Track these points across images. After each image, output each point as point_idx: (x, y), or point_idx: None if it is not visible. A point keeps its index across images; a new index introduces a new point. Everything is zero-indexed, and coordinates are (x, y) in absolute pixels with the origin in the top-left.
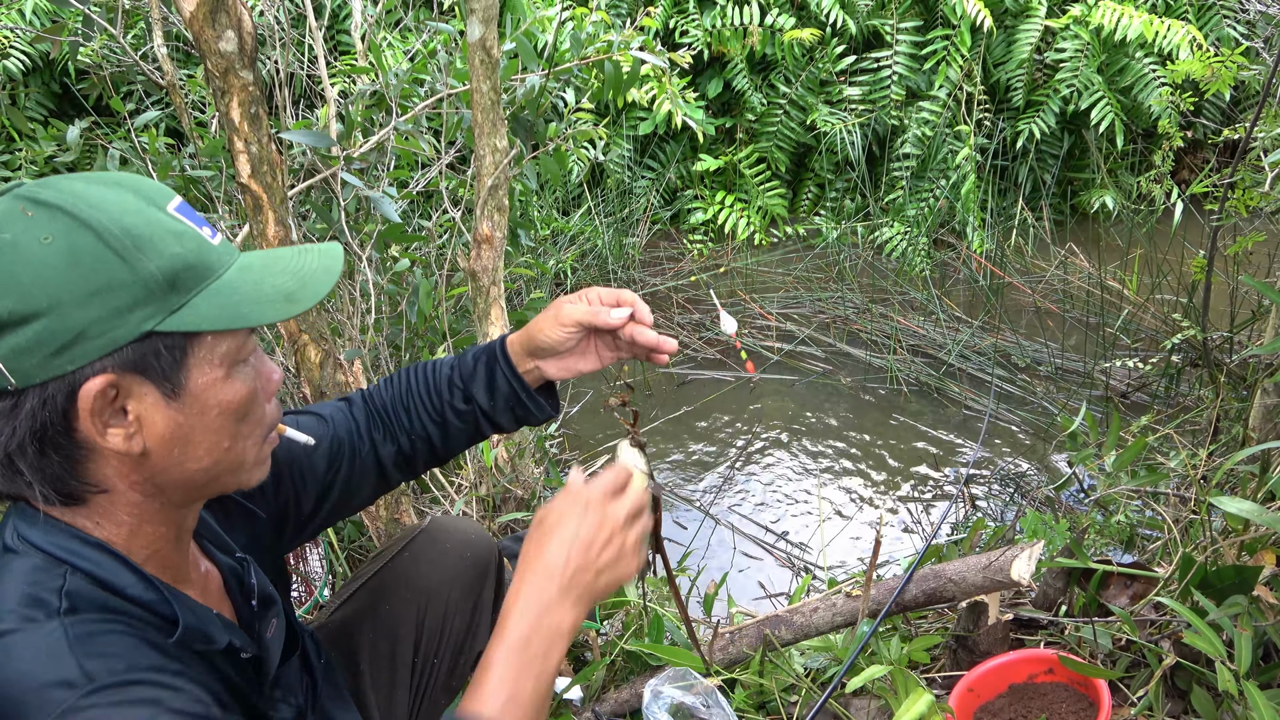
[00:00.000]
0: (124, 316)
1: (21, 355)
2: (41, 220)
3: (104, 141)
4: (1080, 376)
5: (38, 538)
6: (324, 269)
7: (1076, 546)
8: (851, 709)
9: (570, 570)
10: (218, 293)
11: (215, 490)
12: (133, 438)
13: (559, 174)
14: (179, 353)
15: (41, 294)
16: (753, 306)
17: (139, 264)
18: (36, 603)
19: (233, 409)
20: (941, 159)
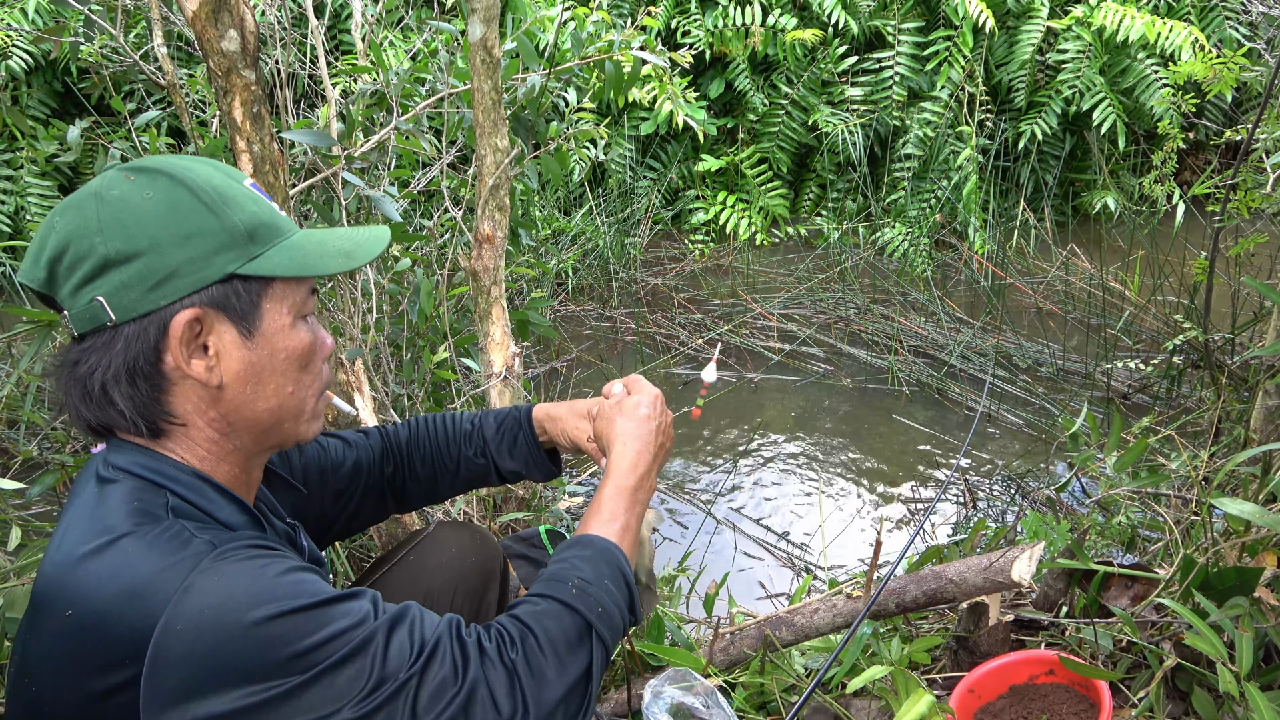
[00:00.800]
0: (211, 259)
1: (124, 290)
2: (143, 181)
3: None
4: (1081, 378)
5: (130, 463)
6: (375, 237)
7: (1077, 548)
8: (852, 709)
9: (655, 445)
10: (288, 248)
11: (278, 438)
12: (212, 370)
13: (560, 174)
14: (255, 296)
15: (143, 236)
16: (754, 307)
17: (225, 215)
18: (146, 514)
19: (297, 355)
20: (943, 160)
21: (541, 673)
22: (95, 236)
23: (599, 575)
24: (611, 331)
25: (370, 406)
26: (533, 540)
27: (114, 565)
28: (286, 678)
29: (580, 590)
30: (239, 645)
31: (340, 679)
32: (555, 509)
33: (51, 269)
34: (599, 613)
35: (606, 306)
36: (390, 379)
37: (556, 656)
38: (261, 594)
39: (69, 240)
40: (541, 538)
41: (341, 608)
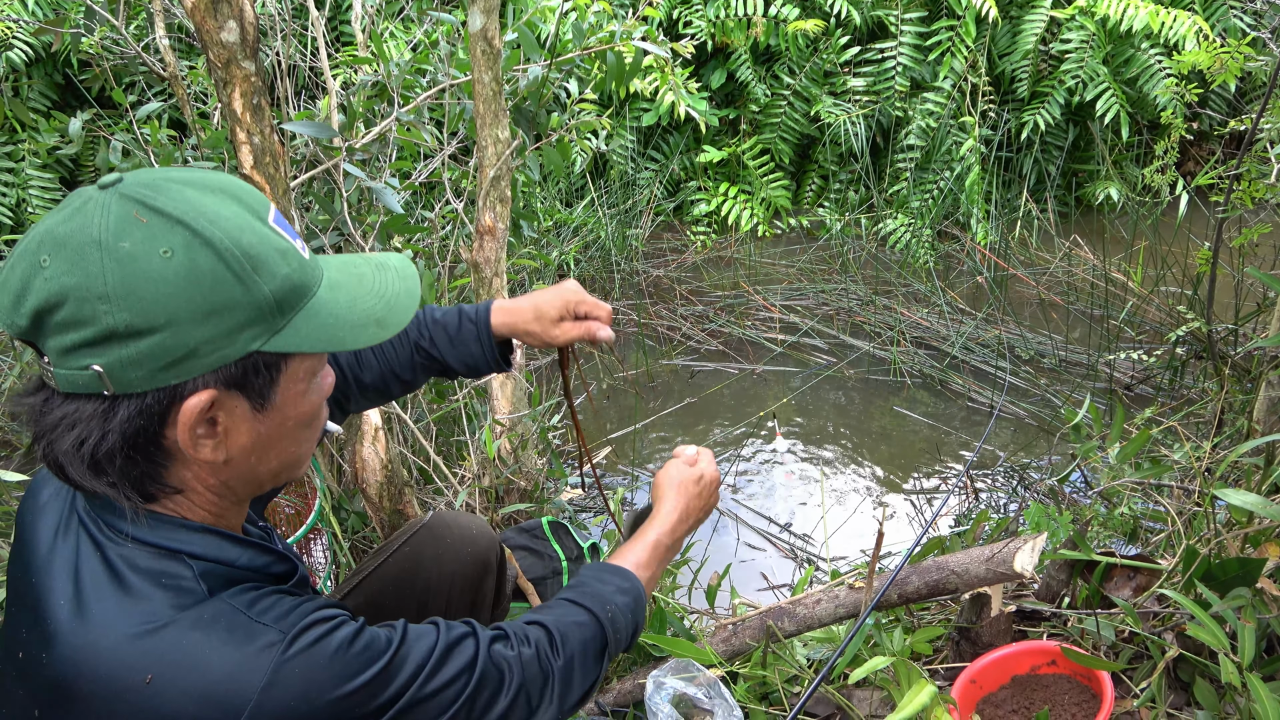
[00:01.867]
0: (235, 337)
1: (129, 367)
2: (159, 231)
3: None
4: (1084, 369)
5: (137, 532)
6: (406, 292)
7: (1080, 539)
8: (854, 700)
9: (697, 516)
10: (315, 314)
11: (270, 486)
12: (218, 448)
13: (561, 165)
14: (275, 371)
15: (160, 311)
16: (756, 298)
17: (255, 286)
18: (179, 590)
19: (306, 418)
20: (946, 150)
21: (568, 682)
22: (100, 303)
23: (625, 608)
24: (613, 323)
25: None
26: (535, 532)
27: (174, 661)
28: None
29: (612, 618)
30: (331, 714)
31: (411, 715)
32: (558, 500)
33: (38, 320)
34: (615, 639)
35: (608, 298)
36: None
37: (584, 670)
38: (341, 672)
39: (65, 296)
40: (544, 529)
41: (399, 648)
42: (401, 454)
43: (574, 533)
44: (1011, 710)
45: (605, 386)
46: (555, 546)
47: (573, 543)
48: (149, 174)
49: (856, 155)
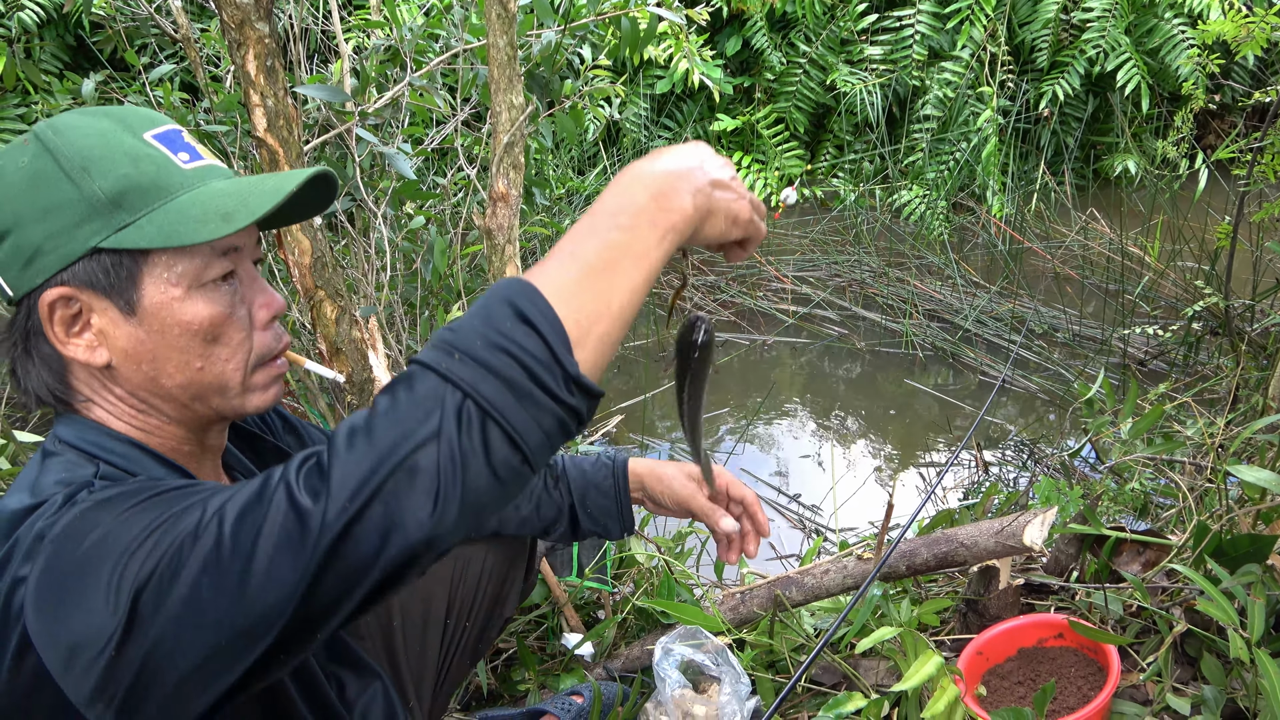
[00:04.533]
0: (72, 233)
1: (5, 269)
2: (28, 149)
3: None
4: (1098, 344)
5: (70, 435)
6: (272, 189)
7: (1090, 513)
8: (861, 669)
9: (687, 160)
10: (165, 213)
11: (209, 411)
12: (95, 349)
13: (575, 132)
14: (130, 270)
15: (9, 212)
16: (768, 269)
17: (85, 184)
18: (70, 484)
19: (196, 330)
20: (963, 121)
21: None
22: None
23: (472, 322)
24: None
25: (385, 364)
26: None
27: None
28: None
29: (444, 346)
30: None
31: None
32: None
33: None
34: (452, 363)
35: None
36: (404, 336)
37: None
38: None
39: None
40: None
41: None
42: None
43: None
44: (1017, 682)
45: (616, 356)
46: None
47: None
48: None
49: (872, 125)
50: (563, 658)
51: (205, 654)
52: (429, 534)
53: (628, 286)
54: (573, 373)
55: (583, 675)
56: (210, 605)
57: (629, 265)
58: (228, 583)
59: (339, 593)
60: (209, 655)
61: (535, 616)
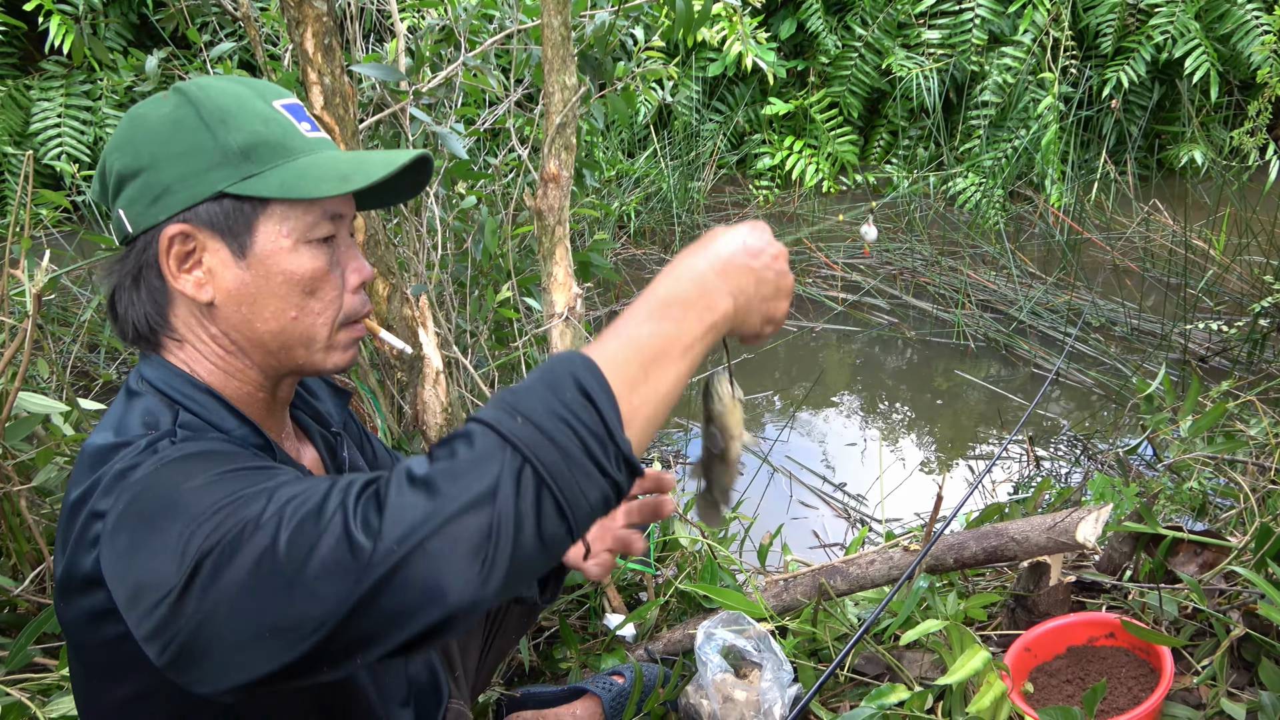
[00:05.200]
0: (202, 177)
1: (132, 204)
2: (159, 102)
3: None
4: (1156, 338)
5: (154, 376)
6: (383, 161)
7: (1146, 511)
8: (905, 661)
9: (733, 260)
10: (288, 170)
11: (292, 363)
12: (203, 286)
13: (626, 114)
14: (248, 217)
15: (145, 152)
16: (818, 255)
17: (221, 134)
18: (154, 427)
19: (297, 280)
20: (1022, 108)
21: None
22: (115, 153)
23: (537, 390)
24: None
25: (434, 342)
26: None
27: (105, 459)
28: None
29: (509, 408)
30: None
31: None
32: None
33: (100, 185)
34: (513, 426)
35: (668, 250)
36: (454, 315)
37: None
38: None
39: (105, 156)
40: None
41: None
42: (462, 397)
43: None
44: (1065, 680)
45: None
46: None
47: None
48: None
49: (928, 111)
50: (604, 638)
51: (249, 636)
52: (471, 598)
53: (674, 374)
54: (624, 450)
55: (624, 656)
56: (258, 595)
57: (676, 355)
58: (275, 583)
59: (376, 630)
60: (252, 638)
61: (578, 596)
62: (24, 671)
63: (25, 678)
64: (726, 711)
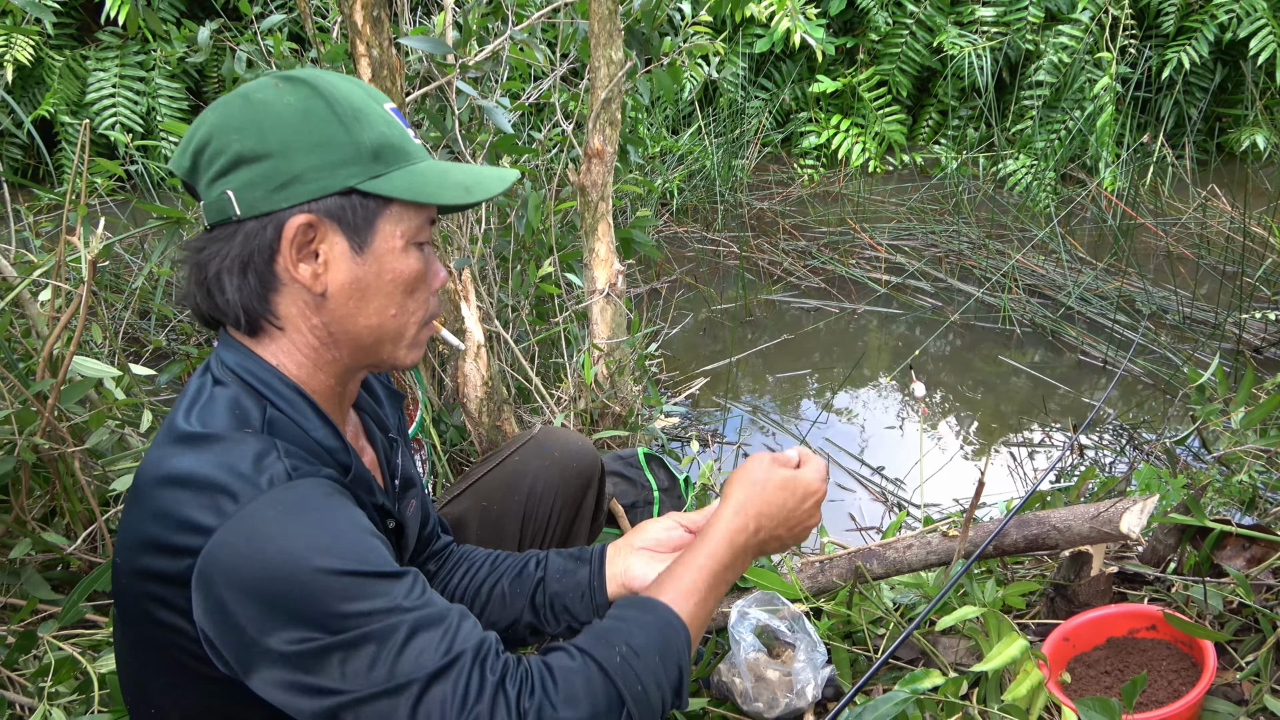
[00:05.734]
0: (334, 170)
1: (251, 187)
2: (287, 89)
3: (231, 44)
4: (1209, 328)
5: (239, 366)
6: (498, 177)
7: (1194, 503)
8: (940, 647)
9: (763, 530)
10: (411, 173)
11: (376, 358)
12: (318, 277)
13: (672, 90)
14: (371, 214)
15: (275, 139)
16: (862, 236)
17: (355, 131)
18: (243, 422)
19: (404, 279)
20: (1077, 88)
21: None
22: (234, 133)
23: (650, 649)
24: (714, 255)
25: (476, 315)
26: (630, 460)
27: (198, 458)
28: (318, 634)
29: (624, 660)
30: (294, 583)
31: (355, 656)
32: (651, 428)
33: (195, 159)
34: (636, 691)
35: (710, 229)
36: (496, 289)
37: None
38: (328, 542)
39: (212, 134)
40: (639, 460)
41: (391, 584)
42: (502, 372)
43: (669, 464)
44: (1104, 671)
45: (702, 318)
46: (648, 476)
47: (666, 473)
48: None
49: (980, 90)
50: None
51: None
52: None
53: (723, 593)
54: (682, 701)
55: None
56: None
57: (730, 579)
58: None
59: None
60: None
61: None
62: (76, 627)
63: (77, 633)
64: (759, 690)
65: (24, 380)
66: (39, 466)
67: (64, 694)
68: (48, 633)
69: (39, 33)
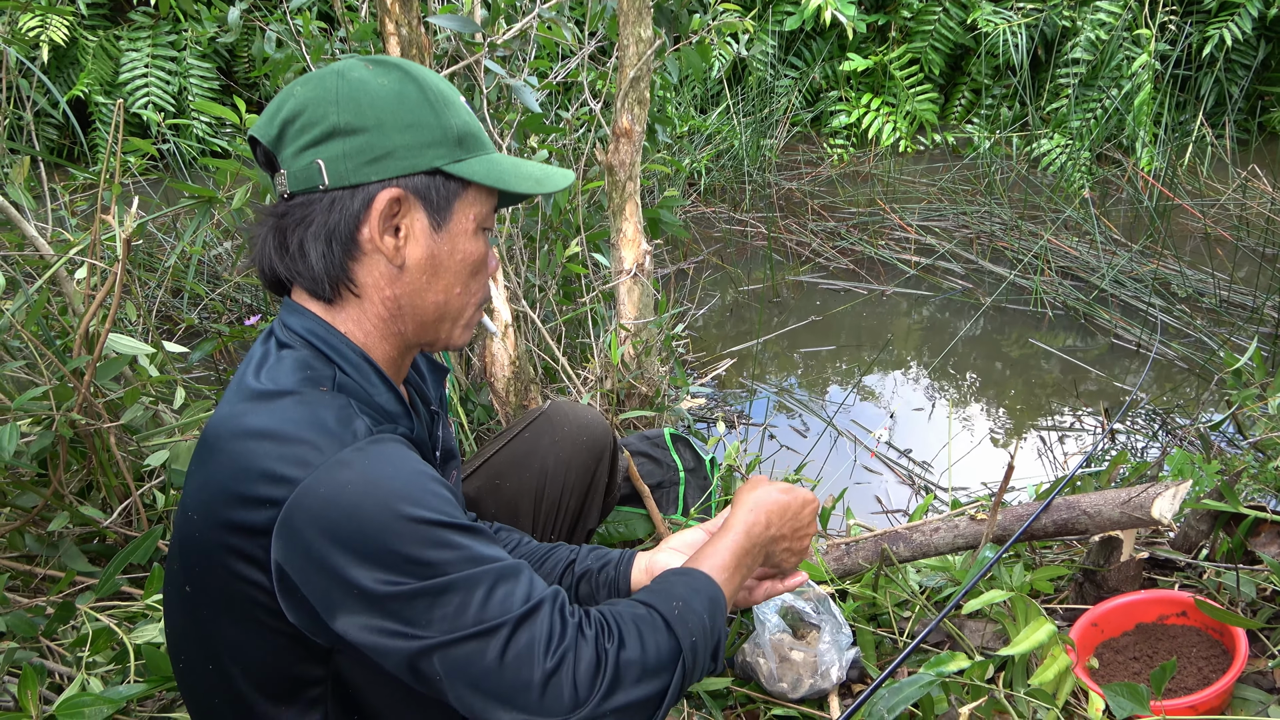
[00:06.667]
0: (423, 150)
1: (343, 159)
2: (379, 71)
3: (261, 24)
4: (1247, 311)
5: (306, 330)
6: (563, 174)
7: (1228, 489)
8: (966, 630)
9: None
10: (489, 161)
11: (433, 335)
12: (399, 250)
13: (701, 68)
14: (451, 195)
15: (371, 115)
16: (892, 217)
17: (444, 116)
18: (313, 381)
19: (471, 260)
20: (1115, 66)
21: (622, 676)
22: (330, 106)
23: (700, 609)
24: (741, 235)
25: (504, 295)
26: (656, 440)
27: (276, 414)
28: (406, 579)
29: (681, 614)
30: (383, 529)
31: (442, 602)
32: (677, 408)
33: (283, 129)
34: (690, 643)
35: (738, 209)
36: (523, 269)
37: (643, 667)
38: (413, 493)
39: (305, 105)
40: (665, 440)
41: (470, 539)
42: (529, 351)
43: (695, 445)
44: (1133, 657)
45: (729, 299)
46: (674, 456)
47: (692, 454)
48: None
49: (1014, 68)
50: None
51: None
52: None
53: (744, 579)
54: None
55: None
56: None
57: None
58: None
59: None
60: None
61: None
62: (112, 599)
63: (113, 605)
64: (783, 671)
65: (61, 357)
66: (76, 441)
67: (101, 664)
68: (85, 604)
69: (73, 13)
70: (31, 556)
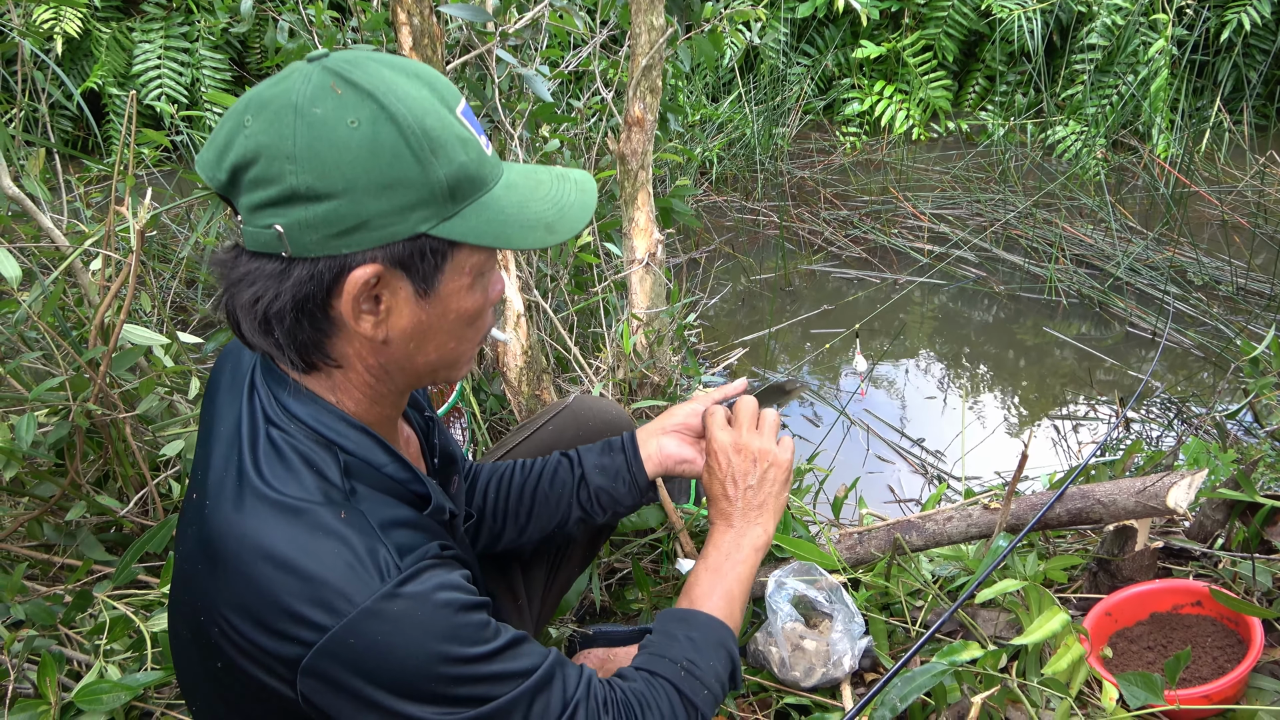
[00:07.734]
0: (406, 215)
1: (306, 229)
2: (351, 102)
3: (274, 14)
4: (1265, 299)
5: (300, 411)
6: (581, 204)
7: (1244, 478)
8: (979, 619)
9: (738, 503)
10: (487, 207)
11: (429, 381)
12: (379, 326)
13: (713, 56)
14: (441, 257)
15: (339, 177)
16: (905, 205)
17: (431, 167)
18: (328, 495)
19: (468, 316)
20: (1131, 52)
21: None
22: (287, 162)
23: (705, 656)
24: (753, 224)
25: (515, 285)
26: None
27: (296, 543)
28: (458, 708)
29: (688, 673)
30: (422, 675)
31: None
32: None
33: (234, 175)
34: (703, 695)
35: (750, 198)
36: (535, 259)
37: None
38: (448, 631)
39: (259, 153)
40: None
41: (507, 658)
42: (541, 341)
43: None
44: (1147, 647)
45: (741, 288)
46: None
47: None
48: (353, 53)
49: (1029, 55)
50: (676, 582)
51: None
52: None
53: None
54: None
55: None
56: None
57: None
58: None
59: None
60: None
61: (651, 540)
62: (129, 588)
63: (129, 593)
64: (795, 660)
65: (77, 348)
66: (92, 432)
67: (118, 651)
68: (102, 592)
69: (86, 5)
70: (49, 545)
